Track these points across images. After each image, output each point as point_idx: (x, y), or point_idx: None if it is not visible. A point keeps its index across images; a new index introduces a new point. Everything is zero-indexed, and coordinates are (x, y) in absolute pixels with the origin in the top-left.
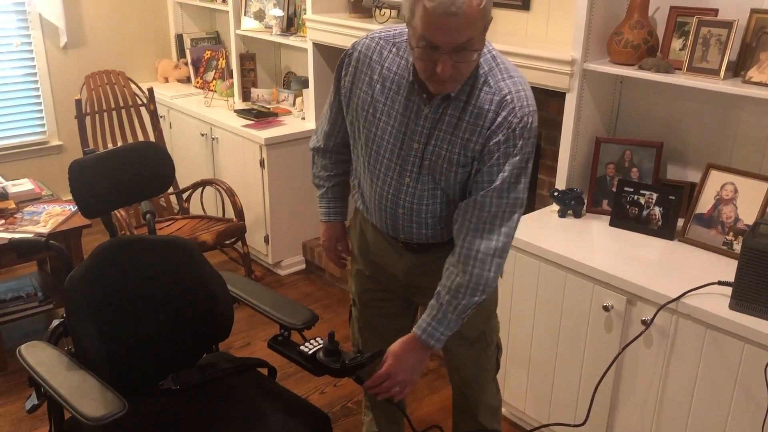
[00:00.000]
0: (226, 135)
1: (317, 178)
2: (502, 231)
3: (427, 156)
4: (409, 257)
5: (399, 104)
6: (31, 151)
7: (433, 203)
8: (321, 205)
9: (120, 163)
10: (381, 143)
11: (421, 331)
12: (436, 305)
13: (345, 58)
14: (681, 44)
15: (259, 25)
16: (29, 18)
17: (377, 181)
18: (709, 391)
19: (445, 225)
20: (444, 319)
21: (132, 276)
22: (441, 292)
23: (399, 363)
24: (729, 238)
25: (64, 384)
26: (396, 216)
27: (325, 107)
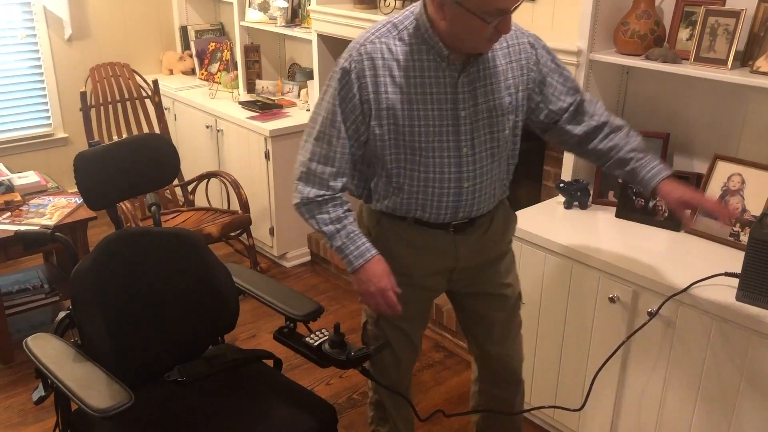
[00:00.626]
0: (230, 127)
1: (332, 222)
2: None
3: (481, 115)
4: (462, 240)
5: (430, 85)
6: (36, 144)
7: (491, 162)
8: (353, 247)
9: (125, 156)
10: (428, 130)
11: (665, 170)
12: (642, 155)
13: (345, 75)
14: (688, 34)
15: (264, 17)
16: (33, 10)
17: (435, 168)
18: (715, 382)
19: (498, 185)
20: (655, 157)
21: (137, 268)
22: (630, 147)
23: (682, 185)
24: (736, 229)
25: (70, 376)
26: (460, 193)
27: (318, 152)
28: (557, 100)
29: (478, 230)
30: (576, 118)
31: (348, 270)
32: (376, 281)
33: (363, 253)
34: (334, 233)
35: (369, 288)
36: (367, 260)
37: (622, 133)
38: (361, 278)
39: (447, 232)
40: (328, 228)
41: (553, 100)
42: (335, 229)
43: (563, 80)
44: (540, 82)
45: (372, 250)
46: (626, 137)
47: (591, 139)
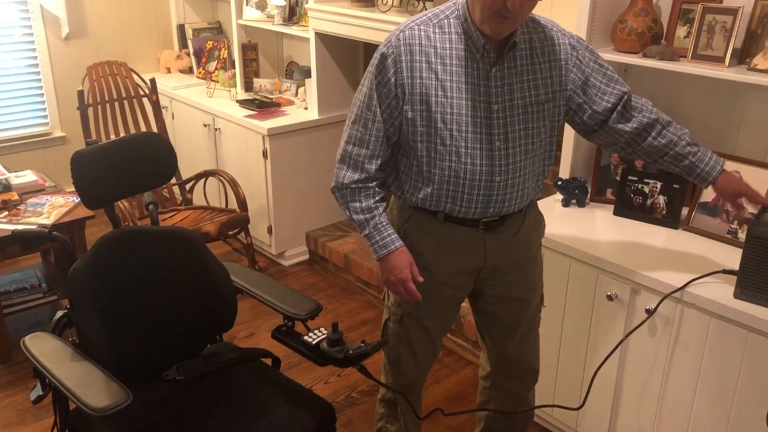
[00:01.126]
0: (228, 125)
1: (363, 211)
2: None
3: (515, 111)
4: (491, 239)
5: (465, 75)
6: (34, 143)
7: (524, 160)
8: (379, 237)
9: (122, 154)
10: (460, 119)
11: (720, 165)
12: (695, 149)
13: (384, 60)
14: (686, 32)
15: (261, 15)
16: (30, 9)
17: (467, 159)
18: (713, 380)
19: (530, 183)
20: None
21: (135, 267)
22: (683, 142)
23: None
24: (734, 227)
25: (68, 375)
26: (492, 187)
27: (355, 135)
28: (601, 101)
29: (508, 230)
30: (625, 116)
31: (374, 258)
32: (397, 272)
33: (387, 244)
34: (364, 222)
35: (390, 277)
36: (391, 251)
37: (673, 127)
38: (384, 267)
39: (477, 229)
40: (358, 217)
41: (597, 101)
42: (365, 218)
43: (607, 80)
44: (582, 83)
45: (396, 242)
46: (678, 132)
47: (644, 137)
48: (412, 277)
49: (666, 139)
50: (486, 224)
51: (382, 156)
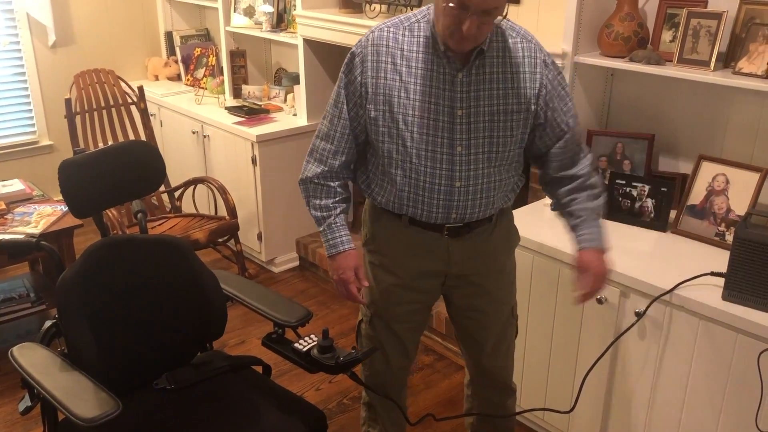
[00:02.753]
0: (217, 132)
1: (320, 209)
2: (584, 146)
3: (479, 118)
4: (456, 245)
5: (429, 78)
6: (21, 151)
7: (488, 167)
8: (330, 237)
9: (110, 163)
10: (422, 122)
11: (596, 242)
12: (591, 217)
13: (353, 59)
14: (671, 36)
15: (249, 22)
16: (17, 17)
17: (427, 161)
18: (702, 382)
19: (496, 192)
20: (600, 223)
21: (124, 276)
22: (585, 206)
23: (600, 263)
24: (721, 229)
25: (57, 385)
26: (452, 192)
27: (322, 129)
28: (557, 126)
29: (475, 237)
30: (564, 160)
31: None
32: (341, 272)
33: (337, 244)
34: (320, 220)
35: (335, 275)
36: (339, 252)
37: (587, 193)
38: (332, 265)
39: (441, 235)
40: (315, 213)
41: (554, 125)
42: (321, 216)
43: (567, 110)
44: (546, 103)
45: (346, 245)
46: (589, 199)
47: (562, 185)
48: (357, 280)
49: (572, 196)
50: (450, 230)
51: (347, 153)
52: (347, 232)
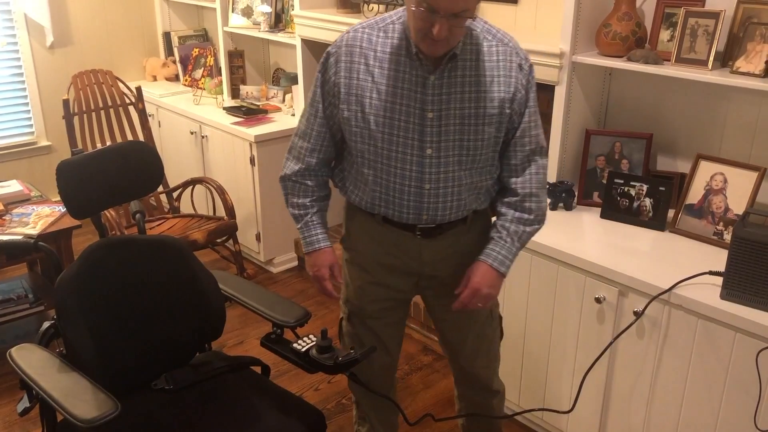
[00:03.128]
0: (215, 133)
1: (298, 207)
2: (543, 164)
3: (450, 121)
4: (428, 246)
5: (401, 80)
6: (19, 152)
7: (459, 170)
8: (308, 234)
9: (108, 163)
10: (393, 123)
11: (493, 260)
12: (503, 237)
13: (328, 58)
14: (669, 35)
15: (247, 22)
16: (14, 18)
17: (397, 162)
18: (701, 380)
19: (468, 195)
20: (512, 247)
21: (123, 276)
22: (505, 225)
23: (482, 280)
24: (719, 228)
25: (55, 386)
26: (422, 194)
27: (300, 127)
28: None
29: (449, 238)
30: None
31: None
32: (315, 269)
33: (313, 242)
34: (298, 217)
35: (311, 272)
36: (315, 249)
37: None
38: (308, 262)
39: (414, 235)
40: (293, 211)
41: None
42: (298, 214)
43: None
44: (519, 107)
45: (321, 243)
46: (514, 221)
47: (503, 195)
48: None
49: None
50: (422, 230)
51: (324, 151)
52: (324, 230)
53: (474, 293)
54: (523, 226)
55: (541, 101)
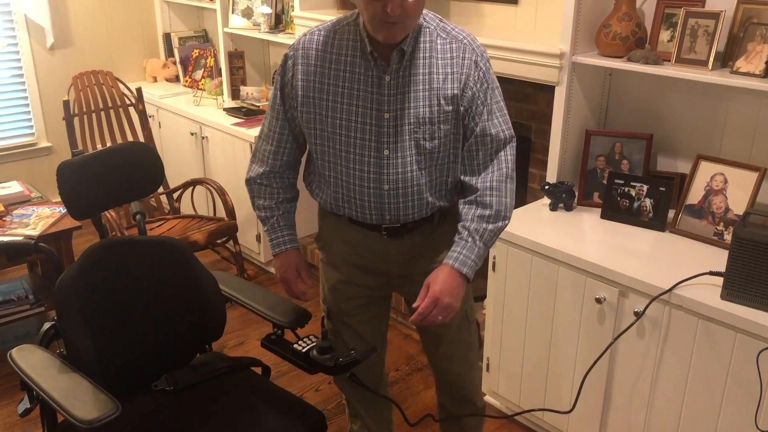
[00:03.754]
0: (215, 134)
1: (263, 210)
2: (506, 158)
3: (405, 121)
4: (395, 246)
5: (357, 82)
6: (19, 153)
7: (418, 169)
8: (273, 236)
9: (109, 164)
10: (349, 125)
11: (453, 260)
12: (464, 237)
13: (286, 61)
14: (669, 36)
15: (247, 23)
16: (15, 19)
17: (355, 164)
18: (702, 381)
19: (430, 194)
20: (474, 247)
21: (123, 277)
22: (465, 224)
23: (443, 288)
24: (720, 229)
25: (56, 387)
26: (381, 195)
27: (263, 130)
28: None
29: (416, 236)
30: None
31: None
32: (282, 271)
33: (279, 244)
34: (264, 220)
35: (277, 274)
36: (281, 251)
37: (478, 212)
38: (275, 264)
39: (380, 234)
40: (259, 213)
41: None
42: (264, 216)
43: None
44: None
45: (288, 245)
46: (474, 220)
47: (464, 194)
48: (299, 280)
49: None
50: (388, 230)
51: (287, 154)
52: (291, 232)
53: (433, 303)
54: (485, 224)
55: (541, 101)
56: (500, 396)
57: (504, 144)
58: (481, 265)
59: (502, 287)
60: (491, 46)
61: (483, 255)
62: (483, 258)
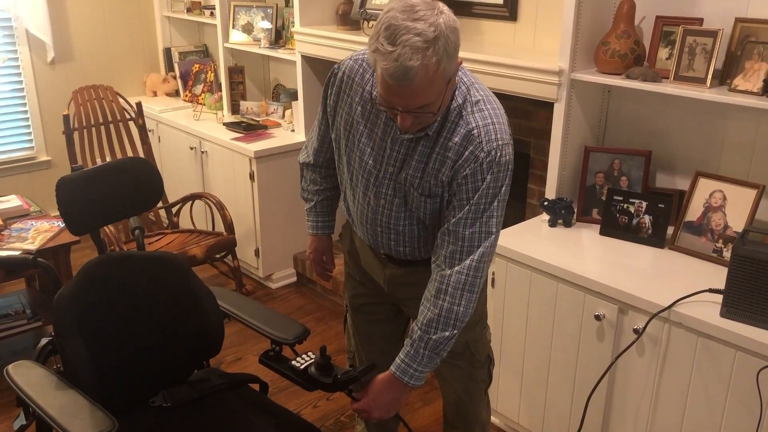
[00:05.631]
0: (215, 148)
1: (306, 192)
2: (470, 265)
3: (401, 181)
4: (392, 268)
5: (378, 128)
6: (19, 167)
7: (409, 225)
8: (309, 218)
9: (108, 180)
10: (361, 164)
11: (395, 368)
12: (410, 342)
13: (331, 77)
14: (667, 53)
15: (248, 38)
16: (16, 33)
17: (358, 198)
18: (702, 399)
19: (424, 245)
20: (417, 355)
21: (121, 293)
22: (414, 328)
23: (375, 401)
24: (719, 246)
25: (52, 404)
26: (376, 233)
27: (314, 123)
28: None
29: (410, 266)
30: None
31: None
32: (309, 251)
33: (311, 228)
34: (304, 200)
35: (307, 252)
36: (310, 234)
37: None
38: (308, 243)
39: (380, 253)
40: (302, 194)
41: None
42: (305, 197)
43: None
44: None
45: (318, 230)
46: (424, 325)
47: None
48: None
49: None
50: (386, 255)
51: (328, 151)
52: (326, 219)
53: (366, 412)
54: (433, 332)
55: (540, 118)
56: (499, 413)
57: (477, 245)
58: (431, 370)
59: (501, 303)
60: (490, 62)
61: (433, 360)
62: (432, 363)
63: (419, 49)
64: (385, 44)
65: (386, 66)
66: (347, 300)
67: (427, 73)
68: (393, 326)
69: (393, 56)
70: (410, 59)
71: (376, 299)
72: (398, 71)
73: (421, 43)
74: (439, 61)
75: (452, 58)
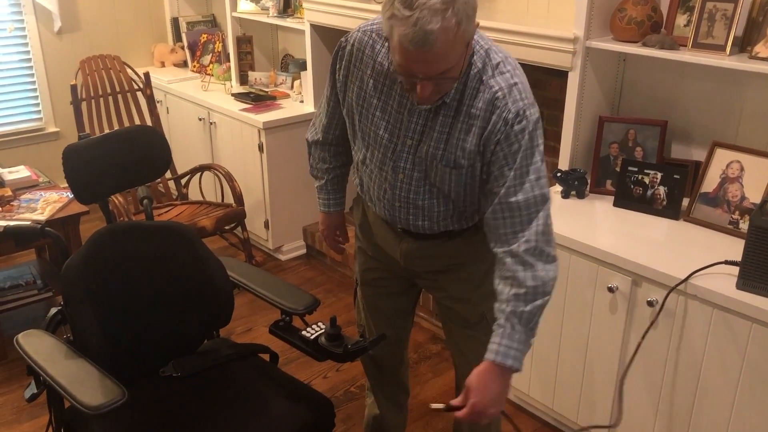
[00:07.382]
0: (224, 119)
1: (316, 170)
2: (537, 228)
3: (420, 154)
4: (408, 241)
5: (393, 100)
6: (27, 138)
7: (429, 199)
8: (320, 196)
9: (115, 148)
10: (376, 138)
11: (494, 354)
12: (501, 323)
13: (339, 50)
14: (686, 20)
15: (256, 7)
16: (22, 3)
17: (375, 174)
18: (717, 372)
19: (443, 219)
20: (514, 332)
21: (130, 263)
22: (501, 306)
23: (485, 397)
24: (735, 217)
25: (62, 373)
26: (393, 208)
27: (322, 99)
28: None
29: (428, 240)
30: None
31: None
32: (321, 228)
33: (323, 205)
34: (314, 178)
35: (320, 227)
36: (321, 212)
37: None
38: (319, 219)
39: (396, 227)
40: (311, 171)
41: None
42: (315, 176)
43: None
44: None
45: (330, 207)
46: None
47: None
48: (336, 238)
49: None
50: (402, 228)
51: (340, 128)
52: (336, 196)
53: (476, 415)
54: (522, 305)
55: (554, 87)
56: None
57: (536, 211)
58: (530, 347)
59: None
60: (503, 30)
61: (529, 338)
62: (530, 340)
63: (438, 11)
64: (402, 9)
65: (404, 32)
66: (357, 274)
67: (448, 36)
68: (405, 299)
69: (411, 21)
70: (429, 22)
71: (389, 273)
72: (417, 36)
73: (439, 4)
74: (459, 22)
75: (471, 19)
